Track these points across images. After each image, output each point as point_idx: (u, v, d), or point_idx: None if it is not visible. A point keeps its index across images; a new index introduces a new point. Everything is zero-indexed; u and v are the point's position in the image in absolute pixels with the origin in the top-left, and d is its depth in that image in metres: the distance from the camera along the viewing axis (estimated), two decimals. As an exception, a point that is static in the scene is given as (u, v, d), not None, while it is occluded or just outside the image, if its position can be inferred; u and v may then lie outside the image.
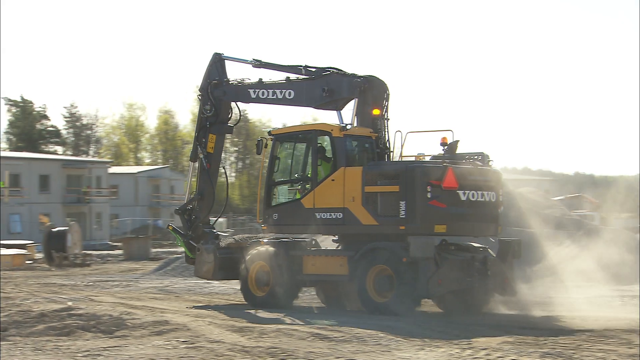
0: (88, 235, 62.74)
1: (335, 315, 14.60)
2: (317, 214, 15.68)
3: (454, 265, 14.78)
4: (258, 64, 17.35)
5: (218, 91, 17.70)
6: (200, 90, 18.12)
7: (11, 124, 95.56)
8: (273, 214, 16.48)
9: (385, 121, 16.21)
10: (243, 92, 17.45)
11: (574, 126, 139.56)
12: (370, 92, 16.08)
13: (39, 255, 37.40)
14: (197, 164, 18.39)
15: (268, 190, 16.66)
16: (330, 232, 16.24)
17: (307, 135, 16.41)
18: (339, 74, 16.40)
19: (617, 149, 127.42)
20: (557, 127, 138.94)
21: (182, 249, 19.54)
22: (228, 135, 19.07)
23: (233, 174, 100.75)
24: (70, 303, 16.15)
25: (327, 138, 15.92)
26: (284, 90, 16.74)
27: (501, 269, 15.42)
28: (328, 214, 15.56)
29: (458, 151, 15.63)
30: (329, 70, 16.50)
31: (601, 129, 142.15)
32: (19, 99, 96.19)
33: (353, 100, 16.24)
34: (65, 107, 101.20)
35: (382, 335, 11.93)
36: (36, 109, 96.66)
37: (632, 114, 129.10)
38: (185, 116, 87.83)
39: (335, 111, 16.51)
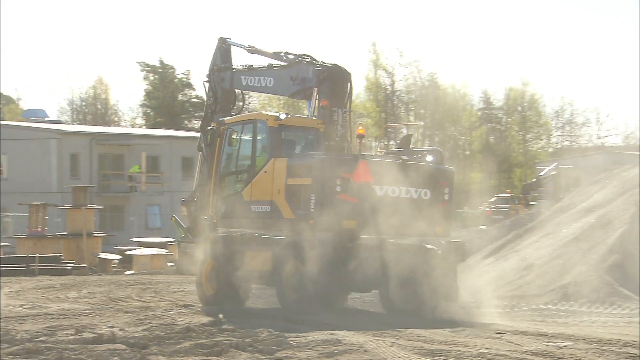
0: (240, 232, 64.49)
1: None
2: (252, 207, 18.40)
3: (363, 263, 16.95)
4: (252, 49, 20.40)
5: (218, 77, 20.82)
6: (206, 76, 21.30)
7: (148, 94, 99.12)
8: (221, 207, 19.38)
9: (345, 113, 18.36)
10: (237, 78, 20.43)
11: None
12: (329, 81, 18.34)
13: (183, 256, 38.81)
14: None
15: (219, 182, 19.55)
16: (262, 226, 18.62)
17: (248, 124, 19.03)
18: (306, 62, 18.80)
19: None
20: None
21: None
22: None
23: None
24: (221, 316, 16.69)
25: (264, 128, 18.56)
26: (266, 78, 19.66)
27: (439, 272, 17.45)
28: (260, 206, 18.22)
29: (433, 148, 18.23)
30: (300, 58, 19.09)
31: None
32: (157, 64, 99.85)
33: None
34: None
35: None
36: (178, 76, 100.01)
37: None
38: (359, 82, 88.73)
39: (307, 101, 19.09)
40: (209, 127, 20.05)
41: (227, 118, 19.78)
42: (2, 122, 74.55)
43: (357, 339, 13.63)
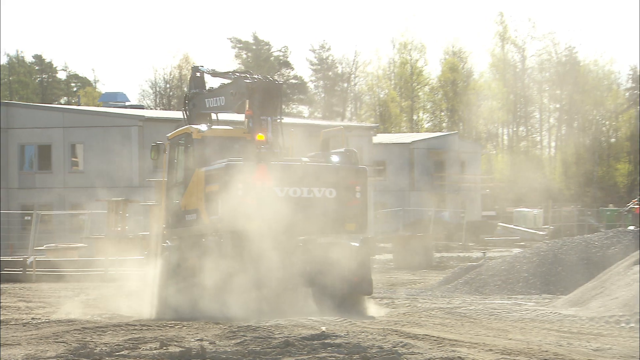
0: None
1: None
2: (186, 216, 22.17)
3: (265, 262, 19.99)
4: (213, 73, 23.99)
5: (190, 104, 24.21)
6: (183, 103, 24.81)
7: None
8: (169, 218, 23.05)
9: (275, 121, 21.38)
10: (202, 102, 23.84)
11: None
12: (259, 92, 21.38)
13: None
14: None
15: (167, 194, 23.40)
16: (193, 234, 21.92)
17: (181, 138, 22.81)
18: (241, 77, 22.07)
19: None
20: None
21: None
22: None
23: (553, 143, 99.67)
24: (323, 328, 16.76)
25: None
26: (219, 98, 22.97)
27: (356, 267, 20.64)
28: (190, 215, 21.94)
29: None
30: (238, 74, 22.40)
31: None
32: (250, 40, 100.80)
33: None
34: (312, 51, 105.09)
35: None
36: (274, 54, 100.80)
37: None
38: (483, 59, 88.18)
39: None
40: (153, 144, 23.74)
41: (169, 133, 23.47)
42: (78, 108, 76.22)
43: (482, 357, 13.54)
